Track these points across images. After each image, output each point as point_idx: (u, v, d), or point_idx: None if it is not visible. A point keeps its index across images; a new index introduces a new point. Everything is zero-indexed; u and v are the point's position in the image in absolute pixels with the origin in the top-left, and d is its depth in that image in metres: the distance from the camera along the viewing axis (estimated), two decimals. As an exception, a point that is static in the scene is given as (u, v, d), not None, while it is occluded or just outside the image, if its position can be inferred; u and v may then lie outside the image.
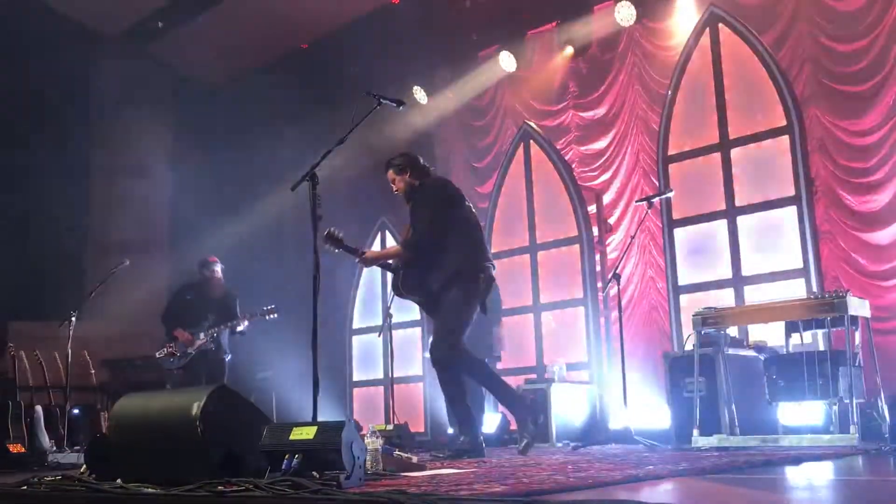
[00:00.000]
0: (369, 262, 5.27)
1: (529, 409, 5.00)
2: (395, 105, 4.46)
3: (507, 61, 8.77)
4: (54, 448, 6.25)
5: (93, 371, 7.38)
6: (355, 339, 9.64)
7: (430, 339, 5.07)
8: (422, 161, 5.19)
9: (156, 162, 9.67)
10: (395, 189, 5.17)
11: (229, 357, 6.90)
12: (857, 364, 4.83)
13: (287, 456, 2.87)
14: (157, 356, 6.73)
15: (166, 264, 9.43)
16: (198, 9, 9.28)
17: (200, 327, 6.68)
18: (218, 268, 6.97)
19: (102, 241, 9.16)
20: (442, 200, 4.97)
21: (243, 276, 8.74)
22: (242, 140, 9.87)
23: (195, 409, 2.89)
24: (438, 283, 4.81)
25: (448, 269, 4.81)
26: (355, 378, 9.58)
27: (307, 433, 2.90)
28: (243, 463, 2.97)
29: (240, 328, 6.77)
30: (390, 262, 5.17)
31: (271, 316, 6.72)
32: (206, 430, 2.88)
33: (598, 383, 7.36)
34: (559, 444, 6.50)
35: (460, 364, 4.80)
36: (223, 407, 2.98)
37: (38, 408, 6.26)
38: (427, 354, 7.88)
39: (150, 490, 2.78)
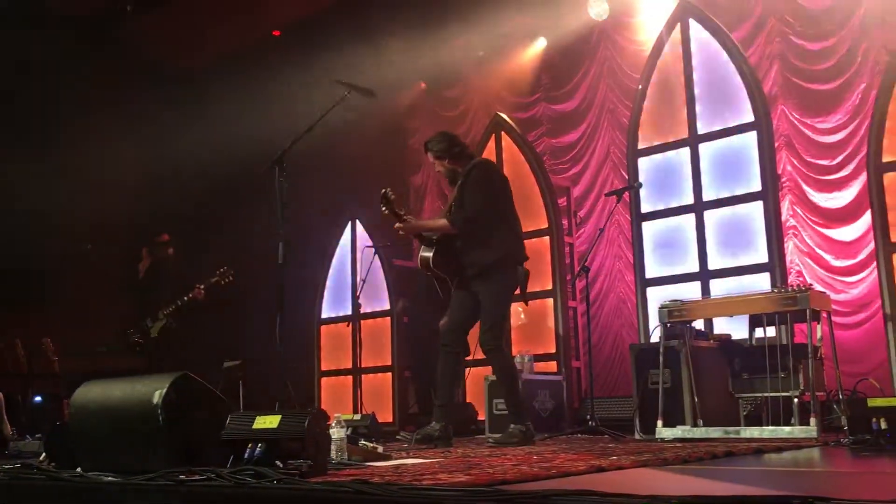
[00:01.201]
0: (410, 230, 5.19)
1: (527, 416, 5.07)
2: (364, 94, 4.44)
3: (479, 52, 8.76)
4: (16, 436, 6.16)
5: (55, 358, 7.28)
6: (324, 329, 9.60)
7: (445, 322, 5.10)
8: (459, 140, 5.22)
9: (120, 146, 9.54)
10: (436, 171, 5.28)
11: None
12: (818, 357, 4.90)
13: (250, 445, 2.86)
14: (125, 345, 6.63)
15: (130, 250, 9.32)
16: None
17: (158, 309, 6.57)
18: (169, 245, 6.85)
19: (65, 225, 9.02)
20: (501, 184, 5.11)
21: (210, 267, 8.68)
22: (212, 127, 9.76)
23: (157, 397, 2.86)
24: (478, 267, 4.88)
25: (492, 255, 4.90)
26: (323, 367, 9.54)
27: (271, 422, 2.89)
28: (206, 452, 2.95)
29: (199, 297, 6.60)
30: (427, 234, 5.12)
31: (227, 279, 6.60)
32: (167, 418, 2.85)
33: (566, 374, 7.41)
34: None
35: (504, 352, 5.03)
36: (185, 395, 2.95)
37: (0, 396, 6.17)
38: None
39: (109, 479, 2.76)
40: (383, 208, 4.94)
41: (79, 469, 2.97)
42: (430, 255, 4.95)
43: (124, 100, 9.41)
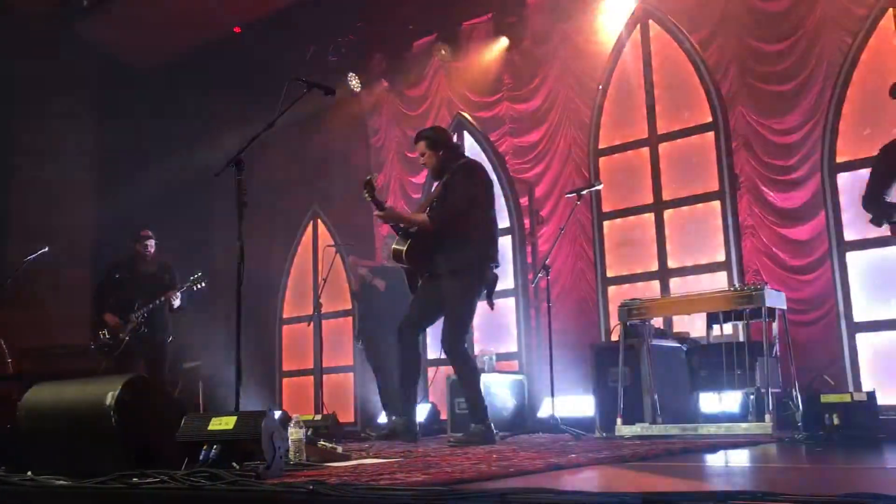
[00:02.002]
0: (388, 218, 5.11)
1: (488, 415, 5.05)
2: (324, 92, 4.39)
3: (442, 51, 8.76)
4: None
5: (9, 360, 7.14)
6: (285, 329, 9.54)
7: (403, 321, 5.08)
8: (454, 139, 5.24)
9: (80, 146, 9.38)
10: (422, 162, 5.24)
11: (171, 339, 6.65)
12: (773, 355, 4.98)
13: (205, 446, 2.82)
14: (92, 346, 6.46)
15: (89, 251, 9.17)
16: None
17: (132, 308, 6.41)
18: (151, 242, 6.68)
19: (23, 226, 8.85)
20: (486, 185, 5.12)
21: (171, 262, 8.56)
22: (171, 125, 9.65)
23: (109, 398, 2.82)
24: (450, 266, 4.86)
25: (465, 256, 4.89)
26: (285, 368, 9.48)
27: (226, 423, 2.86)
28: (160, 454, 2.91)
29: (176, 303, 6.48)
30: (404, 226, 5.07)
31: (199, 285, 6.50)
32: (120, 420, 2.81)
33: (527, 373, 7.43)
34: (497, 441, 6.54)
35: (466, 353, 5.04)
36: (139, 397, 2.91)
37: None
38: (360, 345, 7.86)
39: (61, 482, 2.71)
40: (366, 195, 4.90)
41: (29, 473, 2.91)
42: (403, 248, 4.92)
43: (81, 98, 9.26)
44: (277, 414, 6.74)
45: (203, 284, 6.53)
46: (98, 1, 9.03)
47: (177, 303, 6.52)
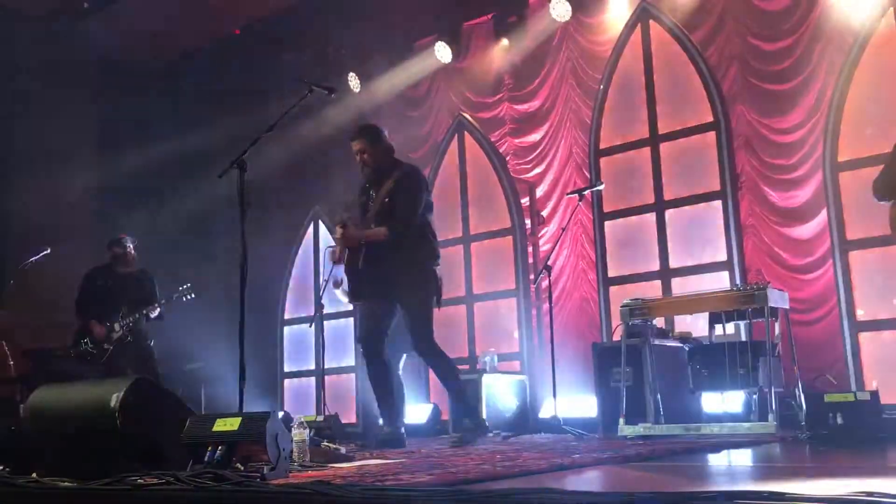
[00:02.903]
0: (351, 240, 4.85)
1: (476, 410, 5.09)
2: (326, 93, 4.39)
3: (442, 52, 8.76)
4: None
5: (11, 362, 7.14)
6: (286, 330, 9.53)
7: (364, 334, 5.00)
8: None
9: (81, 147, 9.38)
10: (361, 159, 4.94)
11: (152, 341, 6.63)
12: (776, 354, 4.97)
13: (210, 447, 2.82)
14: (72, 354, 6.40)
15: (90, 252, 9.16)
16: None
17: (116, 316, 6.37)
18: (130, 246, 6.63)
19: (25, 227, 8.85)
20: (427, 189, 5.06)
21: (171, 265, 8.55)
22: (172, 126, 9.65)
23: (114, 400, 2.82)
24: (406, 273, 4.79)
25: (419, 262, 4.85)
26: (286, 369, 9.48)
27: (231, 424, 2.86)
28: (165, 455, 2.91)
29: (154, 314, 6.47)
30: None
31: (188, 297, 6.48)
32: (125, 422, 2.81)
33: (529, 374, 7.44)
34: (490, 434, 6.55)
35: (444, 353, 4.97)
36: (144, 398, 2.91)
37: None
38: (359, 346, 7.86)
39: (66, 484, 2.70)
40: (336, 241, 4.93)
41: (34, 474, 2.91)
42: (359, 257, 4.81)
43: (81, 99, 9.26)
44: (280, 415, 6.74)
45: (192, 296, 6.49)
46: (99, 3, 9.03)
47: (155, 313, 6.48)
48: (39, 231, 8.17)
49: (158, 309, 6.49)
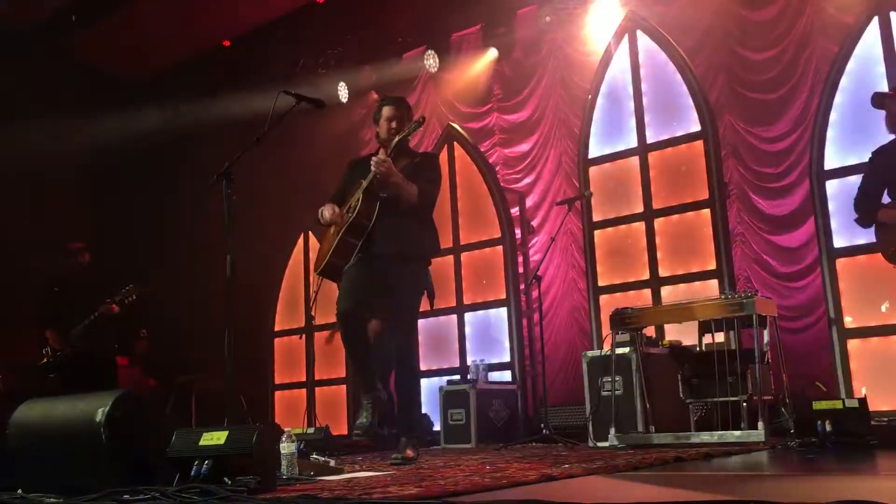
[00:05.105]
0: (390, 174, 4.37)
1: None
2: (313, 105, 4.38)
3: (431, 62, 8.79)
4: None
5: (-1, 377, 7.09)
6: (277, 341, 9.51)
7: (352, 306, 4.42)
8: None
9: (68, 160, 9.35)
10: (390, 127, 4.58)
11: (116, 347, 6.50)
12: (765, 362, 4.99)
13: (196, 462, 2.81)
14: (38, 364, 6.30)
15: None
16: (114, 3, 9.02)
17: (71, 324, 6.27)
18: (85, 254, 6.55)
19: (11, 240, 8.81)
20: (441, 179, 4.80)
21: (163, 277, 8.54)
22: (162, 139, 9.64)
23: (100, 415, 2.80)
24: (413, 258, 4.50)
25: (425, 248, 4.63)
26: (277, 381, 9.45)
27: (218, 438, 2.84)
28: (152, 471, 2.89)
29: (114, 311, 6.29)
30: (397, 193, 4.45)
31: (130, 298, 6.33)
32: (111, 436, 2.79)
33: (520, 383, 7.43)
34: (480, 445, 6.54)
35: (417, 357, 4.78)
36: (130, 413, 2.89)
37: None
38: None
39: (51, 500, 2.69)
40: (406, 133, 4.47)
41: (19, 491, 2.89)
42: (372, 214, 4.40)
43: (69, 111, 9.23)
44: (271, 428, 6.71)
45: (134, 297, 6.33)
46: (87, 17, 9.02)
47: (108, 311, 6.29)
48: (26, 244, 8.14)
49: (114, 306, 6.28)
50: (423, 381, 8.12)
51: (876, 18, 6.27)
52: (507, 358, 7.72)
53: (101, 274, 6.76)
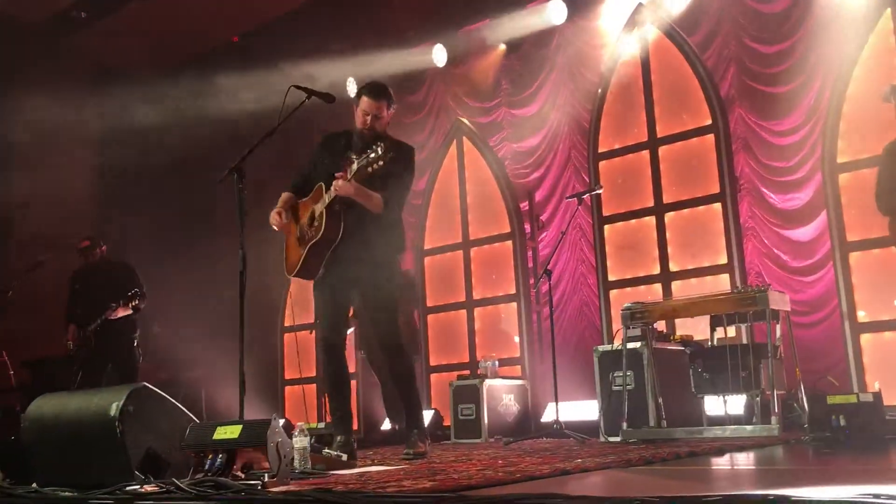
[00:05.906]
0: (350, 191, 4.27)
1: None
2: (323, 100, 4.36)
3: (440, 56, 8.76)
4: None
5: (11, 372, 7.12)
6: (287, 337, 9.52)
7: (327, 331, 4.46)
8: None
9: (80, 155, 9.38)
10: (366, 121, 4.46)
11: (136, 336, 6.53)
12: (777, 357, 4.96)
13: (210, 455, 2.81)
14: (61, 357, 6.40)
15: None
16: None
17: (91, 317, 6.33)
18: (96, 250, 6.61)
19: (25, 235, 8.84)
20: (414, 174, 4.64)
21: (173, 272, 8.55)
22: (171, 134, 9.64)
23: (114, 409, 2.80)
24: (379, 258, 4.42)
25: (395, 248, 4.56)
26: (287, 376, 9.46)
27: (231, 432, 2.84)
28: (166, 464, 2.89)
29: (113, 316, 6.33)
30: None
31: (134, 302, 6.38)
32: (125, 430, 2.80)
33: (530, 378, 7.42)
34: (491, 440, 6.54)
35: (409, 352, 4.68)
36: (144, 406, 2.90)
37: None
38: (361, 353, 7.84)
39: (66, 494, 2.69)
40: (365, 164, 4.13)
41: (34, 484, 2.90)
42: (339, 228, 4.31)
43: (78, 108, 9.25)
44: (281, 422, 6.72)
45: (136, 301, 6.37)
46: (96, 12, 9.04)
47: (114, 315, 6.32)
48: (39, 239, 8.17)
49: (118, 312, 6.32)
50: (433, 377, 8.14)
51: (889, 10, 6.22)
52: (516, 353, 7.71)
53: (120, 268, 6.78)
